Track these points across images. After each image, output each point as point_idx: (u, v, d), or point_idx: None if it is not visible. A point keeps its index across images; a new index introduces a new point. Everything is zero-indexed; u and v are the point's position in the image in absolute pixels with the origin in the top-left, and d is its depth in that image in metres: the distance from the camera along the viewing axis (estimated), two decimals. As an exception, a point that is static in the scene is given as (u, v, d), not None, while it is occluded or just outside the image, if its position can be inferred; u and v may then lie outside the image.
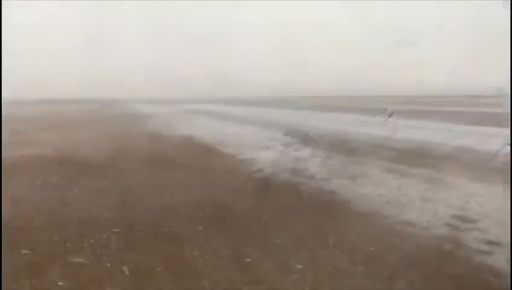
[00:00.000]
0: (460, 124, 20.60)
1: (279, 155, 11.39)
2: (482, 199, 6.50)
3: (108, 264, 4.25)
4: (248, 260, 4.33)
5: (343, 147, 13.01)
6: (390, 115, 23.83)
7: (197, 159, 10.85)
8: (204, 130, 20.02)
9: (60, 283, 3.87)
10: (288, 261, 4.27)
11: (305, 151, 12.13)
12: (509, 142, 10.01)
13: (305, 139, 15.27)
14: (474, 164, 9.59)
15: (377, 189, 7.28)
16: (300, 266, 4.14)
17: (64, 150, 13.00)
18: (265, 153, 11.88)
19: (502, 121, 18.69)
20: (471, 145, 12.40)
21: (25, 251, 4.62)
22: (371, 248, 4.57)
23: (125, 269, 4.14)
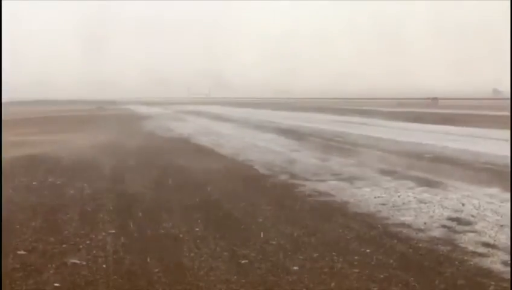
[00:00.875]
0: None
1: (275, 156, 11.38)
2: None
3: (105, 266, 4.24)
4: (245, 261, 4.33)
5: (336, 147, 13.05)
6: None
7: (194, 161, 10.83)
8: (202, 131, 20.02)
9: (56, 284, 3.86)
10: (284, 262, 4.27)
11: (302, 153, 12.14)
12: None
13: (301, 140, 15.28)
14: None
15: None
16: (297, 268, 4.15)
17: (61, 150, 12.97)
18: (263, 153, 11.88)
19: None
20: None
21: (21, 252, 4.61)
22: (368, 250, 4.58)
23: (122, 270, 4.14)
